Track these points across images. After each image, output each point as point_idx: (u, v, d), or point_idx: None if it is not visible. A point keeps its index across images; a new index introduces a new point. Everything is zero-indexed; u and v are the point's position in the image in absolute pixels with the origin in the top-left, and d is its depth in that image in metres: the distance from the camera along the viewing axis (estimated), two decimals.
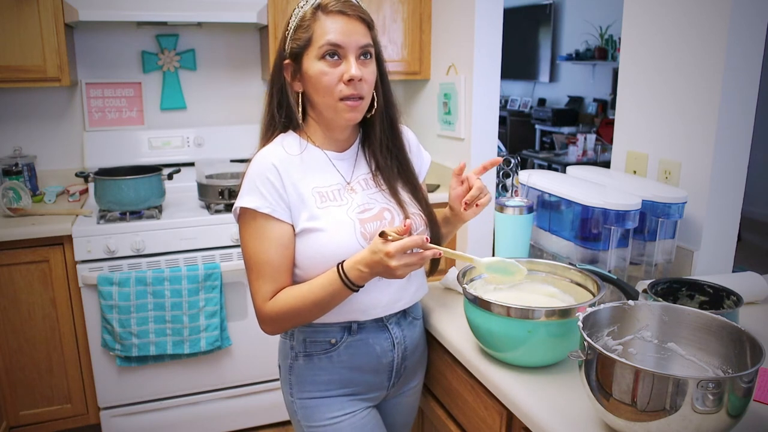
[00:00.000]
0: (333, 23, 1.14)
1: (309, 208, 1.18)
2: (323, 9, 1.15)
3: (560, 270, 1.31)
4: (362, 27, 1.16)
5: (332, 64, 1.14)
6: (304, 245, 1.18)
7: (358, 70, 1.15)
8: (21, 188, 2.43)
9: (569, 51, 7.36)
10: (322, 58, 1.14)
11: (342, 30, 1.14)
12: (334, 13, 1.14)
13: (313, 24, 1.15)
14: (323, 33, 1.14)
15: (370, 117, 1.25)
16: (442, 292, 1.55)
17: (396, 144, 1.29)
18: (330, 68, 1.14)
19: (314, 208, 1.18)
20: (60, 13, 2.36)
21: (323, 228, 1.17)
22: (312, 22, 1.15)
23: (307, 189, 1.19)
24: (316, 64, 1.15)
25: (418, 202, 1.29)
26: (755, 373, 0.84)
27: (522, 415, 1.06)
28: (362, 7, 1.19)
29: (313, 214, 1.18)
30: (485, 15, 2.51)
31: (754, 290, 1.45)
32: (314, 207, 1.18)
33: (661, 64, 1.66)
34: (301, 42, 1.16)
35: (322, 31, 1.14)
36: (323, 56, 1.14)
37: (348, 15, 1.15)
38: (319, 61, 1.15)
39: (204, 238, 2.36)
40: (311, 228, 1.17)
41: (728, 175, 1.54)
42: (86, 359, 2.37)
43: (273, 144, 1.23)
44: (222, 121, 2.98)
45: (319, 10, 1.15)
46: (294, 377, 1.27)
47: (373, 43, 1.19)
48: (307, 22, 1.15)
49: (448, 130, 2.78)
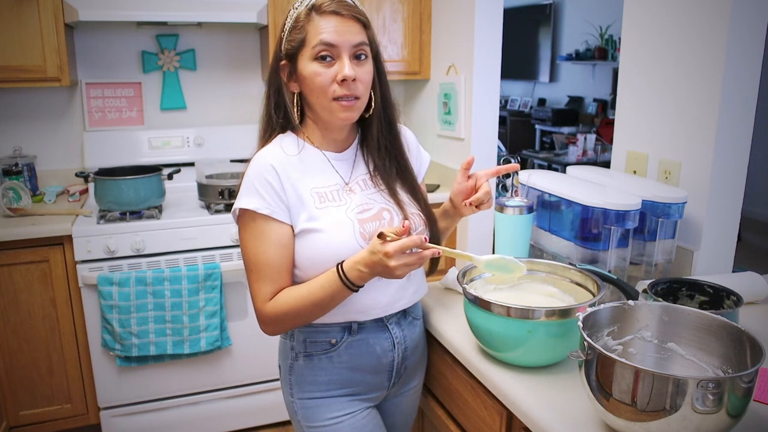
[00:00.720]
0: (326, 23, 1.14)
1: (308, 208, 1.18)
2: (317, 10, 1.15)
3: (560, 270, 1.31)
4: (357, 26, 1.16)
5: (326, 65, 1.14)
6: (303, 246, 1.18)
7: (352, 69, 1.14)
8: (21, 188, 2.43)
9: (569, 51, 7.36)
10: (315, 58, 1.14)
11: (335, 30, 1.14)
12: (327, 14, 1.14)
13: (307, 25, 1.15)
14: (316, 33, 1.14)
15: (367, 117, 1.25)
16: (442, 292, 1.55)
17: (394, 144, 1.29)
18: (323, 68, 1.14)
19: (313, 209, 1.18)
20: (60, 13, 2.36)
21: (322, 228, 1.17)
22: (306, 22, 1.15)
23: (306, 189, 1.19)
24: (310, 65, 1.15)
25: (417, 202, 1.29)
26: (755, 373, 0.84)
27: (522, 415, 1.06)
28: (358, 6, 1.18)
29: (312, 215, 1.17)
30: (485, 15, 2.51)
31: (754, 290, 1.45)
32: (313, 207, 1.18)
33: (661, 64, 1.66)
34: (296, 43, 1.16)
35: (315, 32, 1.14)
36: (317, 57, 1.14)
37: (342, 15, 1.15)
38: (313, 62, 1.15)
39: (204, 238, 2.36)
40: (310, 229, 1.17)
41: (728, 175, 1.54)
42: (86, 359, 2.37)
43: (271, 145, 1.23)
44: (222, 121, 2.98)
45: (314, 10, 1.15)
46: (294, 377, 1.27)
47: (369, 42, 1.18)
48: (302, 23, 1.16)
49: (448, 130, 2.78)
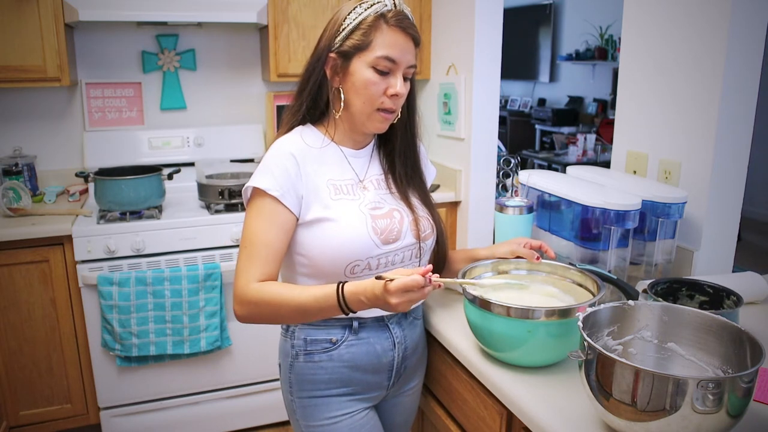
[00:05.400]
0: (394, 37, 1.16)
1: (322, 198, 1.19)
2: (386, 19, 1.16)
3: (560, 270, 1.31)
4: (413, 47, 1.20)
5: (381, 76, 1.17)
6: (315, 234, 1.18)
7: (403, 87, 1.18)
8: (21, 188, 2.43)
9: (569, 51, 7.36)
10: (374, 67, 1.16)
11: (400, 47, 1.17)
12: (395, 28, 1.17)
13: (374, 31, 1.16)
14: (384, 45, 1.16)
15: (392, 125, 1.27)
16: (442, 292, 1.55)
17: (413, 152, 1.33)
18: (379, 79, 1.17)
19: (328, 199, 1.20)
20: (60, 13, 2.36)
21: (336, 218, 1.18)
22: (374, 29, 1.16)
23: (323, 180, 1.21)
24: (366, 71, 1.17)
25: (426, 207, 1.32)
26: (755, 373, 0.84)
27: (522, 415, 1.06)
28: (416, 26, 1.21)
29: (326, 204, 1.19)
30: (485, 15, 2.51)
31: (754, 290, 1.45)
32: (328, 198, 1.20)
33: (661, 64, 1.66)
34: (357, 44, 1.17)
35: (383, 43, 1.16)
36: (376, 66, 1.16)
37: (407, 33, 1.18)
38: (370, 69, 1.17)
39: (204, 238, 2.36)
40: (324, 218, 1.18)
41: (728, 175, 1.54)
42: (86, 359, 2.37)
43: (292, 134, 1.25)
44: (222, 121, 2.98)
45: (382, 19, 1.16)
46: (294, 376, 1.28)
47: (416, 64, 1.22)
48: (368, 27, 1.16)
49: (448, 130, 2.78)
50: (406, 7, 1.21)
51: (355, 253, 1.18)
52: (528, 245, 1.34)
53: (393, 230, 1.22)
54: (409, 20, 1.19)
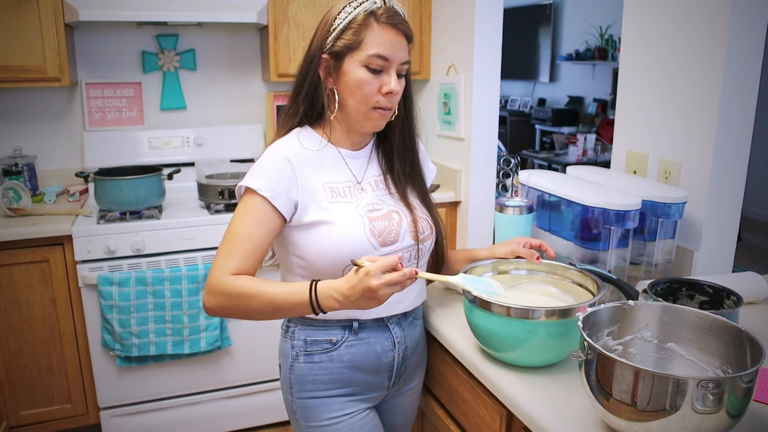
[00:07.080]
0: (384, 35, 1.16)
1: (319, 201, 1.19)
2: (376, 17, 1.16)
3: (560, 270, 1.31)
4: (406, 43, 1.19)
5: (374, 74, 1.17)
6: (312, 237, 1.18)
7: (397, 84, 1.18)
8: (21, 188, 2.43)
9: (569, 51, 7.36)
10: (366, 66, 1.16)
11: (392, 44, 1.16)
12: (386, 25, 1.16)
13: (364, 30, 1.15)
14: (374, 43, 1.15)
15: (389, 123, 1.27)
16: (442, 292, 1.55)
17: (411, 151, 1.32)
18: (372, 78, 1.17)
19: (324, 202, 1.19)
20: (60, 13, 2.36)
21: (332, 221, 1.18)
22: (364, 27, 1.15)
23: (319, 183, 1.21)
24: (359, 70, 1.16)
25: (426, 207, 1.32)
26: (755, 373, 0.84)
27: (522, 415, 1.06)
28: (407, 21, 1.20)
29: (323, 207, 1.19)
30: (485, 15, 2.51)
31: (754, 290, 1.45)
32: (325, 201, 1.20)
33: (661, 64, 1.66)
34: (348, 43, 1.16)
35: (373, 41, 1.15)
36: (369, 65, 1.16)
37: (398, 29, 1.17)
38: (362, 68, 1.16)
39: (204, 238, 2.36)
40: (321, 221, 1.18)
41: (728, 175, 1.54)
42: (86, 359, 2.37)
43: (289, 136, 1.24)
44: (222, 121, 2.98)
45: (372, 17, 1.16)
46: (294, 376, 1.27)
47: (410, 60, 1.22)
48: (358, 26, 1.16)
49: (448, 130, 2.78)
50: (396, 3, 1.20)
51: (353, 255, 1.17)
52: (528, 245, 1.34)
53: (391, 232, 1.22)
54: (400, 16, 1.19)
